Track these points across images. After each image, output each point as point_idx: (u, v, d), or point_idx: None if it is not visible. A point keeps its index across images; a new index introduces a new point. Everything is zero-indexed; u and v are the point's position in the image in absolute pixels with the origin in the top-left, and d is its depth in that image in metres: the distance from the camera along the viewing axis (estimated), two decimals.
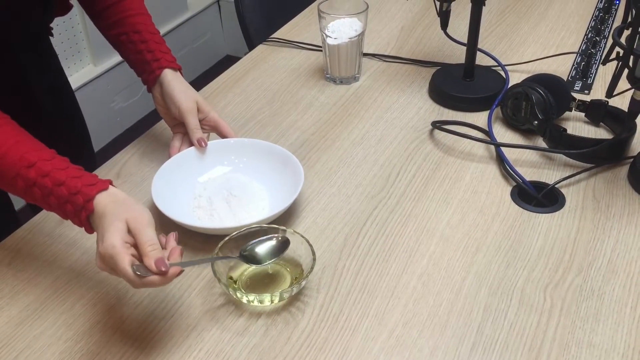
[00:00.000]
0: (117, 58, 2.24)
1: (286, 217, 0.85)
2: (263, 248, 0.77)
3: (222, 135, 0.94)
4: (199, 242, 0.82)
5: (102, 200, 0.70)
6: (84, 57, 2.22)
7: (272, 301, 0.73)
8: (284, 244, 0.77)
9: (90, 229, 0.71)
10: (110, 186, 0.72)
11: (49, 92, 1.07)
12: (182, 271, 0.66)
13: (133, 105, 2.39)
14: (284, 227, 0.79)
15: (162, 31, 2.52)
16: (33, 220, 0.88)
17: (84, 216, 0.70)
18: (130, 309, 0.75)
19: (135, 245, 0.67)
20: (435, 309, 0.73)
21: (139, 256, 0.66)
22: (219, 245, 0.76)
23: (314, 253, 0.75)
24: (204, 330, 0.72)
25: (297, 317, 0.73)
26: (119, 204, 0.70)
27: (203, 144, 0.91)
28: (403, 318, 0.72)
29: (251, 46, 1.39)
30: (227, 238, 0.77)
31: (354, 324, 0.72)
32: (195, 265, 0.78)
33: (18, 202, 1.19)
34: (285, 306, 0.74)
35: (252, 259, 0.76)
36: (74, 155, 0.83)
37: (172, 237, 0.70)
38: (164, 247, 0.69)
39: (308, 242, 0.76)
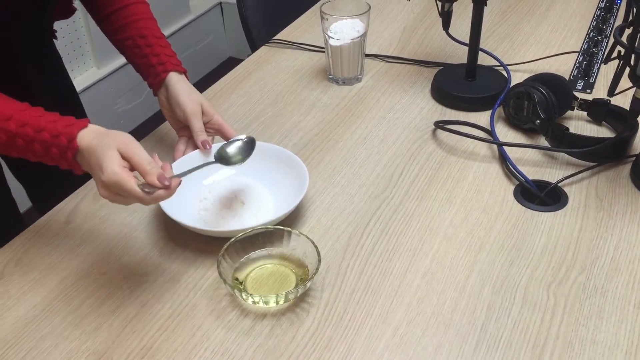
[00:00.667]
0: (120, 61, 2.26)
1: (291, 217, 0.86)
2: (233, 148, 0.86)
3: (227, 138, 0.94)
4: (204, 244, 0.83)
5: (85, 137, 0.73)
6: (87, 60, 2.23)
7: (277, 302, 0.74)
8: (250, 143, 0.86)
9: (79, 168, 0.75)
10: (89, 124, 0.75)
11: (51, 93, 1.07)
12: (181, 181, 0.73)
13: (136, 107, 2.40)
14: (289, 228, 0.79)
15: (165, 33, 2.53)
16: (39, 222, 0.89)
17: (70, 156, 0.73)
18: (136, 309, 0.75)
19: (131, 169, 0.71)
20: (439, 308, 0.73)
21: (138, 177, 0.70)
22: (225, 247, 0.77)
23: (319, 254, 0.75)
24: (209, 330, 0.73)
25: (301, 316, 0.74)
26: (103, 136, 0.73)
27: (207, 146, 0.92)
28: (407, 317, 0.73)
29: (254, 48, 1.40)
30: (232, 240, 0.78)
31: (358, 323, 0.72)
32: (192, 172, 0.79)
33: (23, 205, 1.20)
34: (290, 306, 0.75)
35: (224, 160, 0.84)
36: None
37: (156, 156, 0.75)
38: None
39: (313, 243, 0.77)
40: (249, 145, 0.87)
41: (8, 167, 1.16)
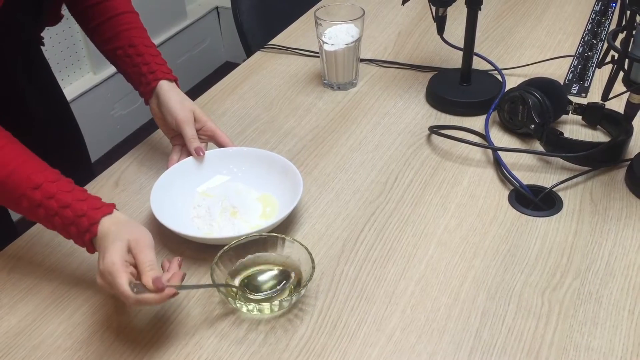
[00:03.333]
0: None
1: (285, 223, 0.85)
2: (264, 277, 0.78)
3: (220, 145, 0.94)
4: (198, 252, 0.82)
5: (106, 223, 0.72)
6: (83, 66, 2.23)
7: (271, 310, 0.74)
8: (284, 276, 0.77)
9: (92, 249, 0.73)
10: (114, 210, 0.74)
11: (40, 100, 1.07)
12: (177, 293, 0.69)
13: (133, 112, 2.39)
14: (283, 235, 0.79)
15: (161, 39, 2.54)
16: (32, 230, 0.89)
17: (88, 238, 0.72)
18: (129, 318, 0.75)
19: (135, 266, 0.69)
20: (433, 314, 0.73)
21: (138, 276, 0.68)
22: (218, 255, 0.76)
23: (313, 262, 0.75)
24: (202, 338, 0.72)
25: (295, 324, 0.73)
26: (122, 225, 0.72)
27: (201, 153, 0.91)
28: (401, 323, 0.72)
29: (249, 52, 1.39)
30: (226, 247, 0.77)
31: (352, 330, 0.72)
32: (194, 289, 0.78)
33: (16, 214, 1.20)
34: (284, 313, 0.74)
35: (253, 288, 0.76)
36: (68, 164, 0.83)
37: (176, 262, 0.72)
38: (166, 270, 0.71)
39: (308, 250, 0.76)
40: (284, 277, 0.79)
41: None
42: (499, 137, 1.01)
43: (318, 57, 1.23)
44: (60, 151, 1.05)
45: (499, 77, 1.12)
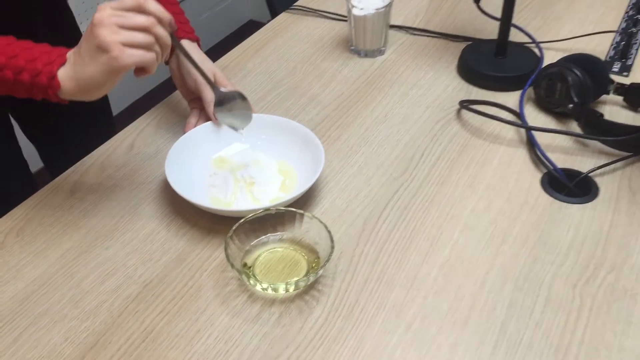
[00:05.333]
0: None
1: (303, 197, 0.81)
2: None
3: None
4: (213, 222, 0.79)
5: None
6: None
7: (287, 290, 0.70)
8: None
9: (55, 83, 0.70)
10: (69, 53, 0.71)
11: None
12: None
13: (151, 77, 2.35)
14: (302, 211, 0.75)
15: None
16: (42, 191, 0.86)
17: (55, 68, 0.70)
18: (139, 288, 0.72)
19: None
20: (457, 303, 0.69)
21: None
22: (233, 228, 0.73)
23: (332, 240, 0.71)
24: (213, 314, 0.69)
25: (311, 305, 0.70)
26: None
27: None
28: (422, 311, 0.69)
29: (274, 13, 1.34)
30: (242, 221, 0.74)
31: (370, 316, 0.69)
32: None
33: (34, 165, 1.17)
34: (299, 294, 0.71)
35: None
36: (91, 118, 0.81)
37: None
38: None
39: (326, 227, 0.73)
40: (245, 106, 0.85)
41: (19, 125, 1.13)
42: (533, 116, 0.96)
43: (346, 21, 1.17)
44: (83, 104, 1.02)
45: (537, 51, 1.06)
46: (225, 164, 0.86)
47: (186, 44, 0.89)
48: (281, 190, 0.83)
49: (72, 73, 0.70)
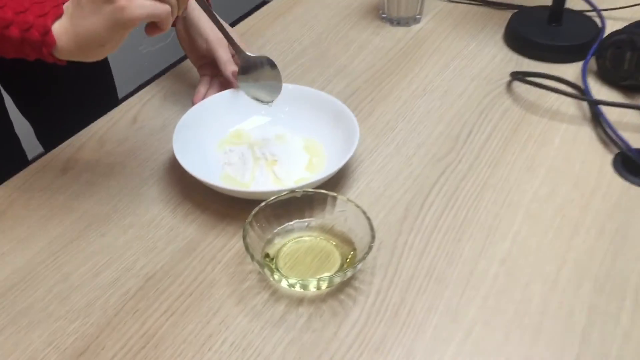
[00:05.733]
0: None
1: (334, 178, 0.69)
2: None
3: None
4: (228, 206, 0.67)
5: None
6: None
7: (318, 287, 0.58)
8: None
9: (50, 39, 0.59)
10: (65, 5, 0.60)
11: None
12: None
13: (162, 50, 2.24)
14: (334, 193, 0.63)
15: None
16: (30, 169, 0.74)
17: (50, 21, 0.59)
18: (140, 283, 0.60)
19: None
20: (525, 306, 0.57)
21: None
22: (253, 213, 0.61)
23: (372, 228, 0.59)
24: (228, 316, 0.57)
25: (347, 306, 0.58)
26: None
27: (235, 74, 0.76)
28: (483, 315, 0.56)
29: None
30: (262, 204, 0.62)
31: (420, 320, 0.56)
32: None
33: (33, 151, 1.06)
34: (332, 291, 0.59)
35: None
36: (95, 96, 0.68)
37: None
38: None
39: (364, 213, 0.60)
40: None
41: (10, 97, 1.01)
42: (596, 90, 0.83)
43: None
44: (90, 83, 0.93)
45: (597, 21, 0.93)
46: (243, 139, 0.74)
47: (194, 2, 0.77)
48: (307, 169, 0.71)
49: (69, 27, 0.58)
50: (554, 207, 0.67)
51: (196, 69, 0.84)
